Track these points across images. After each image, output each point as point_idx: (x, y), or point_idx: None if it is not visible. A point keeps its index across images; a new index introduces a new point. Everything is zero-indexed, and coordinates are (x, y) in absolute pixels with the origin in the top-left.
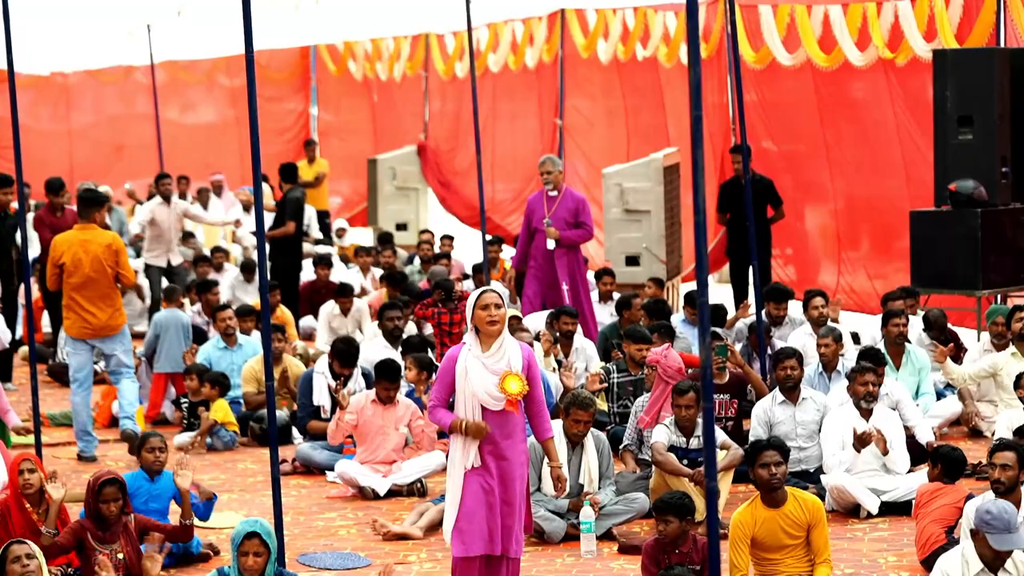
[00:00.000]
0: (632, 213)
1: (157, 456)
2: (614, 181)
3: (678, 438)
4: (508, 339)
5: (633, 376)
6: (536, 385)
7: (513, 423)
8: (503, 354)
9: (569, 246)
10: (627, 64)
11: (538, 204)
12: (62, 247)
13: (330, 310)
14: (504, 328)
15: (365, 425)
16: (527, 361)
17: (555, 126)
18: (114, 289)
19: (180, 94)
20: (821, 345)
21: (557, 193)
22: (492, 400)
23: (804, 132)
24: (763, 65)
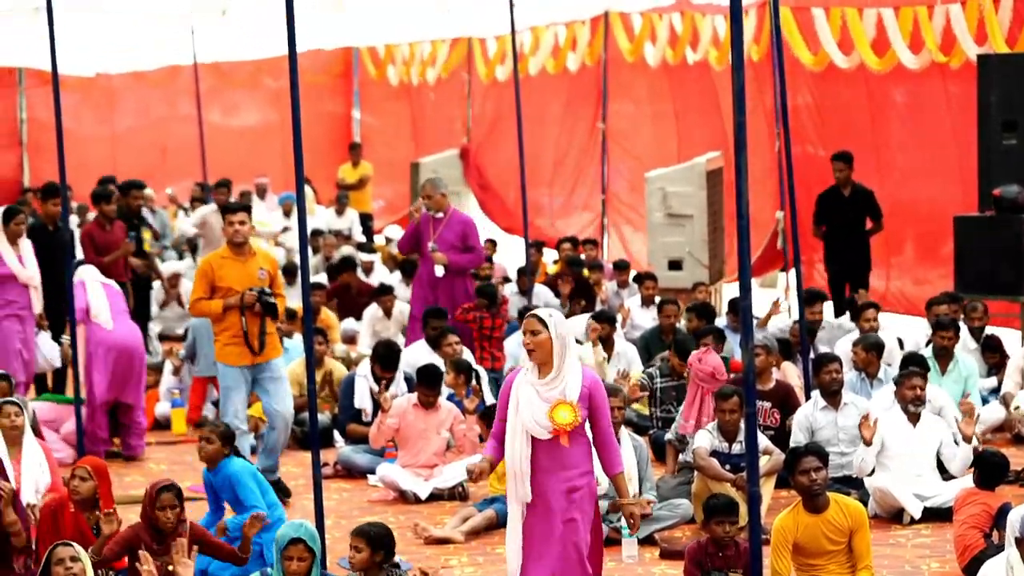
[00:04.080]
0: (675, 217)
1: (203, 446)
2: (657, 185)
3: (720, 443)
4: (569, 365)
5: (676, 382)
6: (601, 415)
7: (568, 455)
8: (560, 381)
9: (458, 272)
10: (676, 68)
11: (425, 226)
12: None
13: (373, 312)
14: (556, 353)
15: (407, 429)
16: (588, 390)
17: (597, 130)
18: None
19: (223, 96)
20: (852, 352)
21: (443, 215)
22: (539, 428)
23: (857, 136)
24: (821, 67)
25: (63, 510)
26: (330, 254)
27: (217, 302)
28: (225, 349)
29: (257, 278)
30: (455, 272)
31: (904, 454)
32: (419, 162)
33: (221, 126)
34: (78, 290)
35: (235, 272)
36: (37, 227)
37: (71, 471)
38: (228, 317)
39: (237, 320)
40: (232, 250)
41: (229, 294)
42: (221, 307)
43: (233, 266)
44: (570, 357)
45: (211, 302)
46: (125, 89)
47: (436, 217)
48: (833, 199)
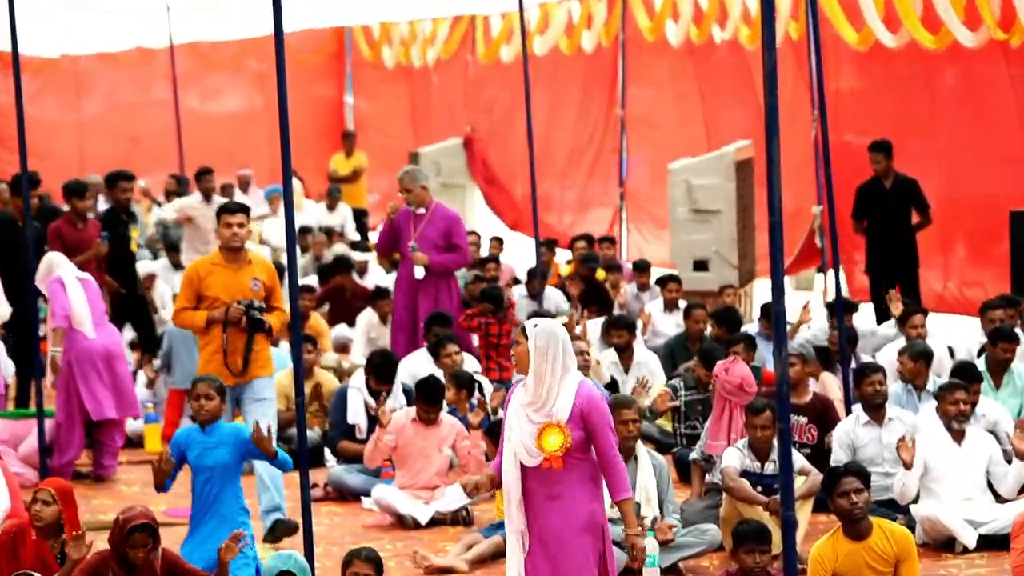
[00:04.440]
0: (701, 213)
1: (203, 404)
2: (681, 177)
3: (752, 462)
4: (558, 381)
5: (702, 395)
6: (599, 435)
7: (566, 481)
8: (548, 401)
9: (441, 273)
10: (702, 47)
11: (404, 222)
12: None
13: (368, 319)
14: (534, 368)
15: (405, 446)
16: (580, 408)
17: (615, 117)
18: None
19: (202, 80)
20: (898, 362)
21: (425, 211)
22: (528, 456)
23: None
24: (866, 47)
25: (24, 537)
26: (320, 253)
27: (201, 314)
28: (207, 366)
29: (249, 289)
30: (437, 273)
31: (950, 476)
32: (419, 152)
33: (199, 112)
34: (57, 291)
35: (224, 281)
36: (5, 221)
37: (32, 494)
38: (212, 331)
39: (219, 335)
40: (225, 256)
41: (216, 305)
42: (204, 320)
43: (223, 274)
44: (557, 372)
45: (195, 313)
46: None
47: (417, 213)
48: (874, 191)
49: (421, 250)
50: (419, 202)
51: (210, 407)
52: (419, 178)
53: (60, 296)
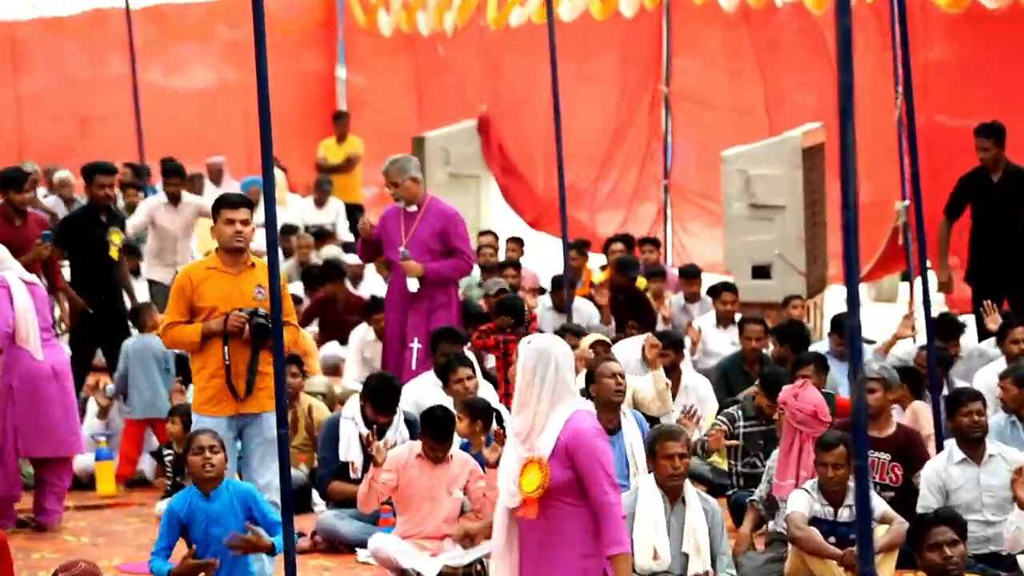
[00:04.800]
0: (761, 209)
1: (208, 459)
2: (737, 166)
3: (823, 507)
4: (557, 408)
5: (764, 426)
6: (588, 477)
7: (557, 530)
8: (536, 430)
9: (438, 284)
10: (761, 11)
11: (393, 223)
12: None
13: (363, 335)
14: (520, 391)
15: (408, 488)
16: (565, 443)
17: (658, 94)
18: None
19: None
20: (998, 387)
21: (417, 208)
22: (509, 497)
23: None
24: (961, 9)
25: None
26: (307, 257)
27: (194, 327)
28: (203, 393)
29: (253, 298)
30: (434, 284)
31: None
32: (424, 136)
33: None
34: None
35: (223, 289)
36: None
37: None
38: (208, 348)
39: (219, 352)
40: (223, 258)
41: (212, 315)
42: (199, 334)
43: (221, 281)
44: (545, 398)
45: (187, 328)
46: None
47: (408, 211)
48: (979, 183)
49: (414, 257)
50: (410, 198)
51: (217, 464)
52: (408, 169)
53: (3, 305)
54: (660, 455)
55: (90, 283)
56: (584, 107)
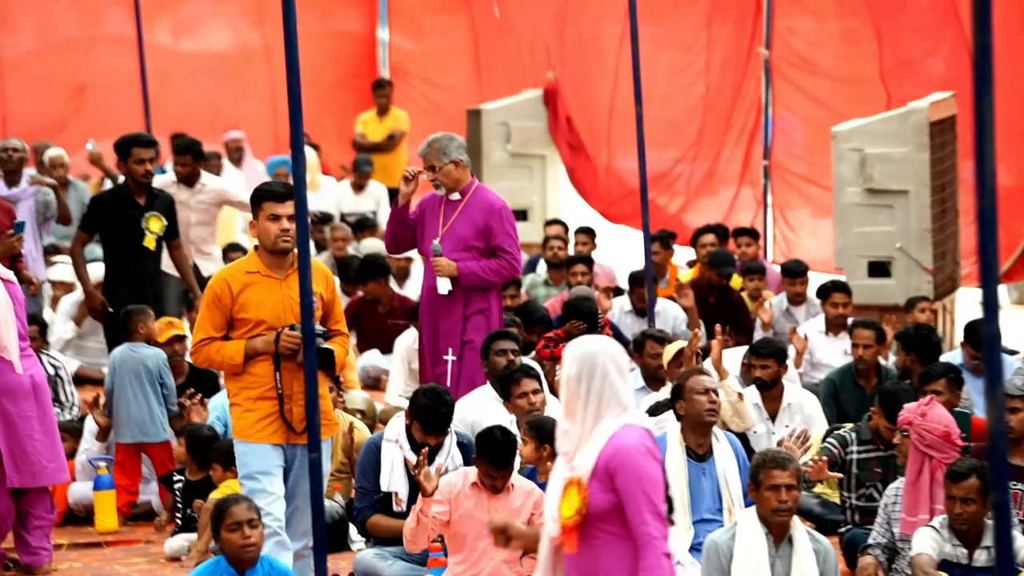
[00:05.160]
0: (879, 194)
1: (248, 537)
2: (850, 144)
3: (953, 548)
4: (603, 422)
5: (883, 451)
6: (629, 502)
7: (597, 563)
8: (580, 447)
9: (474, 287)
10: None
11: (431, 212)
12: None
13: (409, 343)
14: (571, 403)
15: (462, 522)
16: (605, 461)
17: (757, 59)
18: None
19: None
20: None
21: (460, 197)
22: (552, 522)
23: None
24: None
25: None
26: (343, 251)
27: (236, 345)
28: (249, 415)
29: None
30: (472, 288)
31: None
32: (481, 109)
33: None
34: None
35: (270, 298)
36: None
37: None
38: (253, 369)
39: (269, 375)
40: (266, 261)
41: (258, 332)
42: (242, 354)
43: (266, 289)
44: (591, 410)
45: (227, 347)
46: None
47: (450, 199)
48: None
49: (448, 253)
50: (451, 184)
51: (258, 541)
52: (448, 150)
53: None
54: (764, 486)
55: (122, 277)
56: (665, 75)
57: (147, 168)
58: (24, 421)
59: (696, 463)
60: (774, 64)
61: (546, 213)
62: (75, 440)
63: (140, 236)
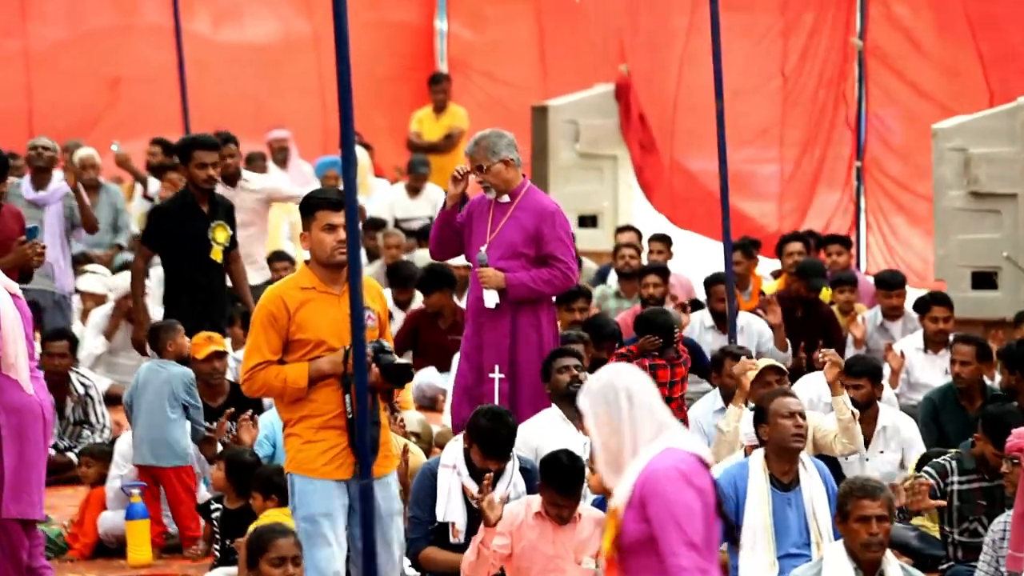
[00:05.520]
0: (984, 198)
1: (289, 573)
2: (952, 144)
3: None
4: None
5: (988, 482)
6: (659, 534)
7: None
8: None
9: (523, 301)
10: None
11: (479, 216)
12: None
13: None
14: (608, 440)
15: (525, 555)
16: (639, 490)
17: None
18: None
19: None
20: None
21: (509, 200)
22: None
23: None
24: None
25: None
26: (397, 259)
27: (299, 369)
28: (311, 448)
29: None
30: (518, 301)
31: None
32: (547, 106)
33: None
34: None
35: (328, 316)
36: None
37: None
38: (315, 395)
39: (334, 401)
40: (321, 275)
41: (315, 353)
42: (307, 377)
43: (324, 306)
44: (628, 439)
45: (288, 370)
46: None
47: (499, 202)
48: None
49: (495, 262)
50: (500, 186)
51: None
52: (497, 148)
53: None
54: (853, 517)
55: (188, 294)
56: (746, 67)
57: (209, 173)
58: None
59: (781, 492)
60: (868, 56)
61: (617, 219)
62: (102, 463)
63: (207, 248)
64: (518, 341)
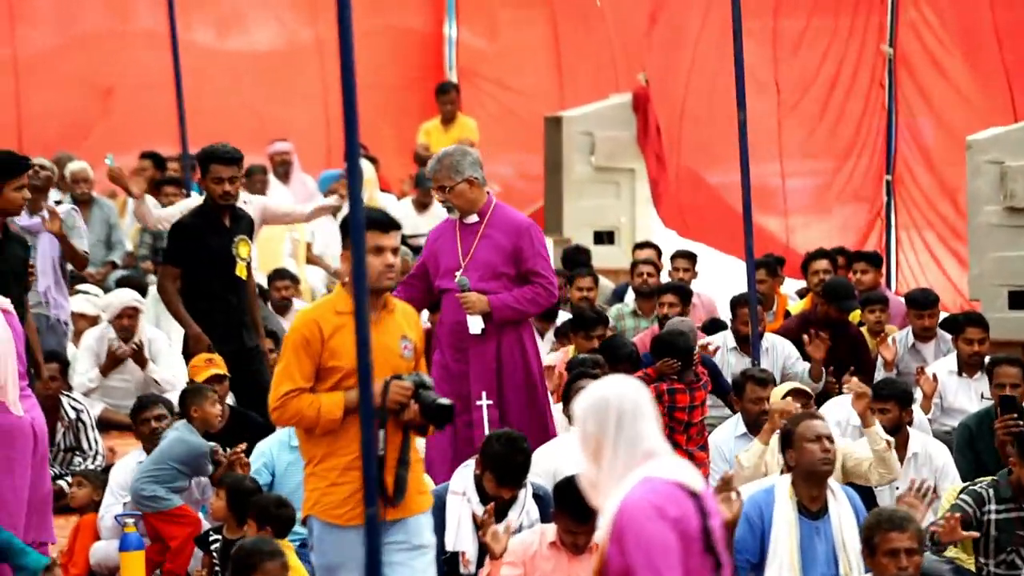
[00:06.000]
0: (1021, 214)
1: None
2: (987, 157)
3: None
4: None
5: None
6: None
7: None
8: (606, 509)
9: (510, 321)
10: None
11: (446, 242)
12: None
13: None
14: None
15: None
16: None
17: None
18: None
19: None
20: None
21: (478, 220)
22: None
23: None
24: None
25: None
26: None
27: (334, 399)
28: (337, 492)
29: (400, 356)
30: (506, 322)
31: None
32: (561, 116)
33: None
34: None
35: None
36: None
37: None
38: (345, 432)
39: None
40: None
41: (347, 382)
42: (341, 408)
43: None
44: (618, 463)
45: (323, 400)
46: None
47: (465, 223)
48: None
49: (476, 285)
50: (466, 206)
51: None
52: (462, 167)
53: None
54: (881, 551)
55: (212, 315)
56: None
57: (226, 189)
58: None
59: (809, 521)
60: (899, 62)
61: (635, 235)
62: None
63: (231, 264)
64: (503, 365)
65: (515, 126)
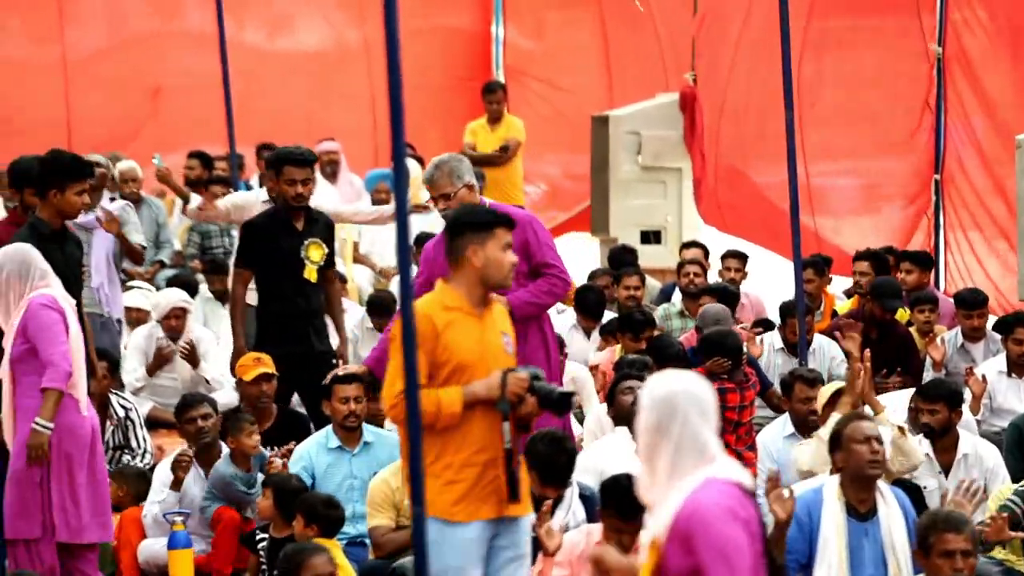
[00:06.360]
0: None
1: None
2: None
3: None
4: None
5: None
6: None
7: None
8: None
9: (529, 317)
10: None
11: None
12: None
13: None
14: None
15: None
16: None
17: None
18: None
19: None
20: None
21: None
22: None
23: None
24: None
25: None
26: None
27: (452, 394)
28: (451, 490)
29: (502, 350)
30: (523, 319)
31: None
32: (608, 115)
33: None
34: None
35: (469, 337)
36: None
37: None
38: (463, 427)
39: (479, 431)
40: (471, 295)
41: (456, 379)
42: (461, 402)
43: (467, 326)
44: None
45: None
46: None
47: None
48: None
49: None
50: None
51: None
52: (461, 173)
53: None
54: (936, 552)
55: (281, 318)
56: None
57: (299, 191)
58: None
59: (858, 523)
60: (948, 61)
61: (682, 235)
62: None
63: (300, 267)
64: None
65: (562, 126)
